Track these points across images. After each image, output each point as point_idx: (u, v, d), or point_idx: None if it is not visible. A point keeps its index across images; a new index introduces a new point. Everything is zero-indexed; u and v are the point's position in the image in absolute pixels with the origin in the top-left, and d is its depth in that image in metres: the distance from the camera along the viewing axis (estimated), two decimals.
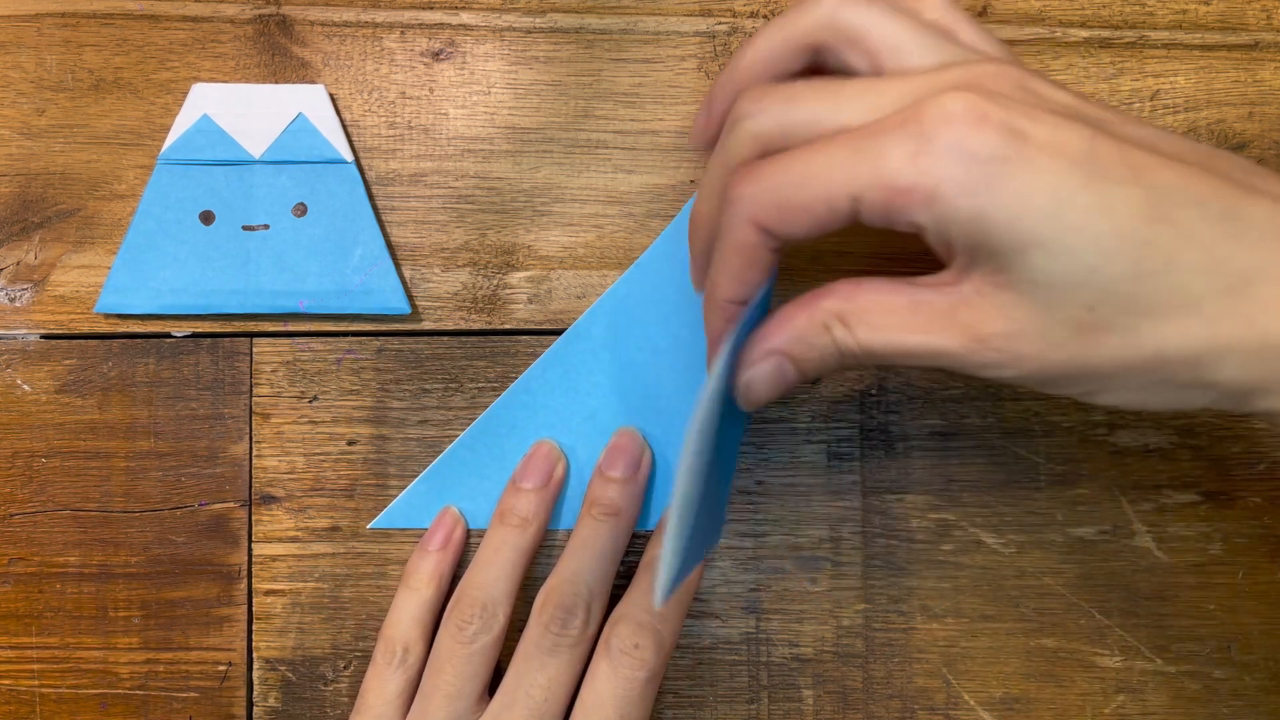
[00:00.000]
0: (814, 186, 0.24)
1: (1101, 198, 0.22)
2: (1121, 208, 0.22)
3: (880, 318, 0.25)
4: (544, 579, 0.34)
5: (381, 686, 0.33)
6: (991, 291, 0.23)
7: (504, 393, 0.35)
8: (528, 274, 0.36)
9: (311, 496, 0.36)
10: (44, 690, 0.36)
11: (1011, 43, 0.36)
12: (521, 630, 0.33)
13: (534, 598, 0.33)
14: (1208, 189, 0.22)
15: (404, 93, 0.36)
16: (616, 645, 0.31)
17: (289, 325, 0.36)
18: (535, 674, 0.31)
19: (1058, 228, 0.22)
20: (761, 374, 0.27)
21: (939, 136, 0.22)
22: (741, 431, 0.35)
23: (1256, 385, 0.23)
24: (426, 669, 0.33)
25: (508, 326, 0.36)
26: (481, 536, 0.36)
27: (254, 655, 0.36)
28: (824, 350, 0.26)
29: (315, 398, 0.36)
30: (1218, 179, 0.22)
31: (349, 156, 0.35)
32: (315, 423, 0.36)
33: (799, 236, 0.25)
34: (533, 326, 0.36)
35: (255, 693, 0.36)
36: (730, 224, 0.26)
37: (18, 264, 0.36)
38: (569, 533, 0.35)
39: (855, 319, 0.25)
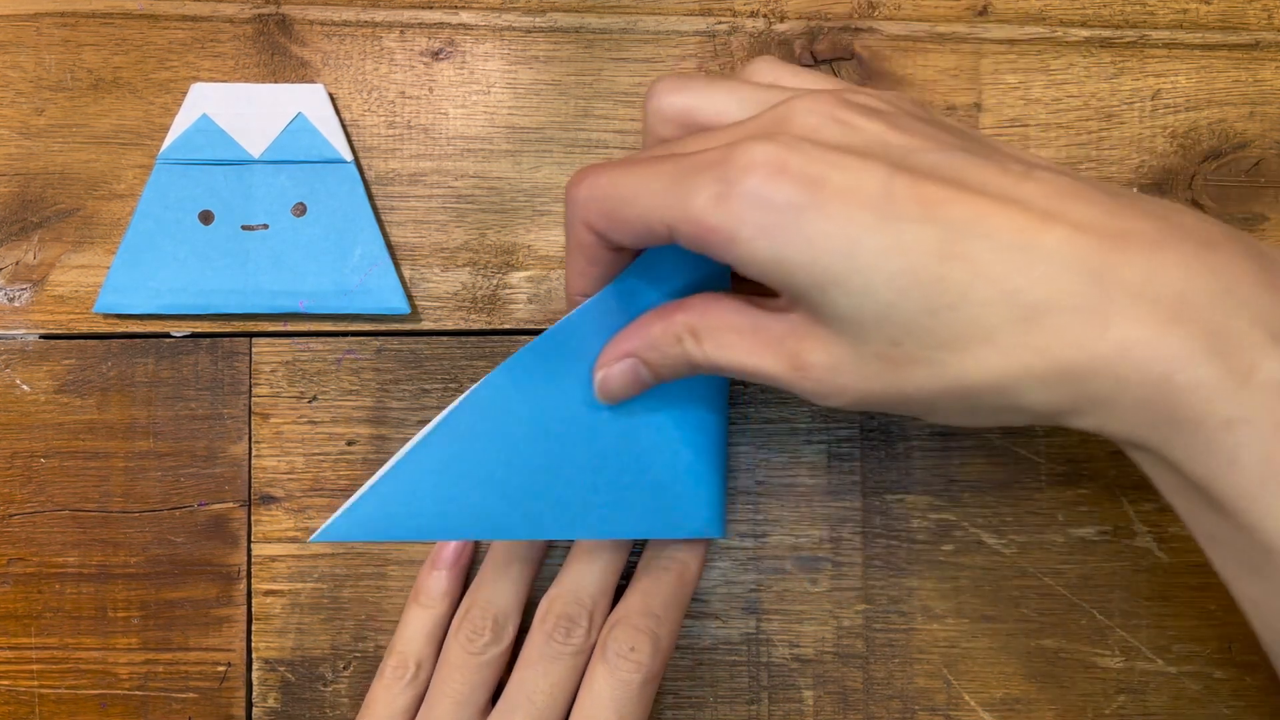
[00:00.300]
0: (636, 207, 0.25)
1: (894, 238, 0.23)
2: (914, 246, 0.23)
3: (726, 335, 0.27)
4: (549, 583, 0.34)
5: (391, 700, 0.33)
6: (811, 324, 0.25)
7: (467, 392, 0.32)
8: (528, 274, 0.36)
9: (311, 497, 0.36)
10: (43, 690, 0.36)
11: (1011, 42, 0.36)
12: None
13: (539, 601, 0.33)
14: (1001, 221, 0.23)
15: (404, 92, 0.36)
16: (613, 649, 0.31)
17: (288, 325, 0.36)
18: (538, 680, 0.32)
19: (852, 268, 0.23)
20: (617, 373, 0.29)
21: (740, 183, 0.23)
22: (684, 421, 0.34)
23: (1060, 408, 0.23)
24: (435, 675, 0.33)
25: (508, 326, 0.36)
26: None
27: (253, 656, 0.36)
28: (675, 358, 0.28)
29: (315, 398, 0.36)
30: (1014, 209, 0.23)
31: (348, 156, 0.35)
32: (315, 423, 0.36)
33: (628, 245, 0.27)
34: (533, 326, 0.36)
35: (254, 693, 0.36)
36: (569, 223, 0.28)
37: (17, 264, 0.36)
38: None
39: (705, 334, 0.27)
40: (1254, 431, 0.21)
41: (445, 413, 0.31)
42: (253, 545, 0.36)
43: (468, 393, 0.31)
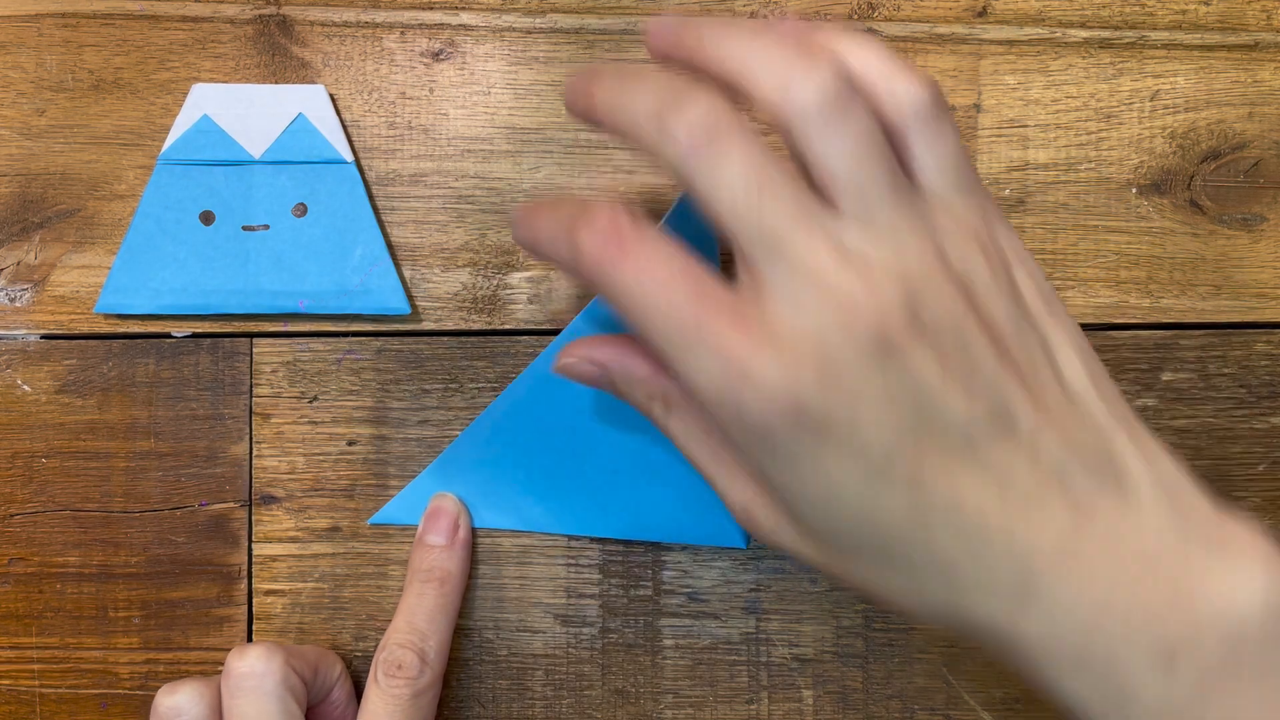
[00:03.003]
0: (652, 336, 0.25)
1: (874, 491, 0.24)
2: (888, 503, 0.24)
3: (694, 429, 0.28)
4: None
5: None
6: (772, 497, 0.26)
7: (505, 389, 0.35)
8: (528, 274, 0.36)
9: (311, 497, 0.36)
10: (44, 690, 0.36)
11: (1011, 43, 0.36)
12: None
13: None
14: (971, 506, 0.24)
15: (404, 93, 0.36)
16: (380, 670, 0.32)
17: (289, 325, 0.36)
18: None
19: (828, 496, 0.25)
20: (580, 371, 0.29)
21: (761, 392, 0.23)
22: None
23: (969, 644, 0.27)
24: None
25: (508, 327, 0.36)
26: (484, 534, 0.36)
27: None
28: (640, 404, 0.28)
29: (315, 398, 0.36)
30: (986, 502, 0.24)
31: (349, 156, 0.35)
32: (315, 423, 0.36)
33: None
34: (533, 327, 0.36)
35: None
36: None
37: (18, 264, 0.36)
38: (570, 537, 0.36)
39: (677, 413, 0.28)
40: None
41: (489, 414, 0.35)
42: (253, 545, 0.36)
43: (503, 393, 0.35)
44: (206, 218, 0.35)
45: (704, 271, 0.25)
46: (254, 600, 0.36)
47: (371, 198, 0.36)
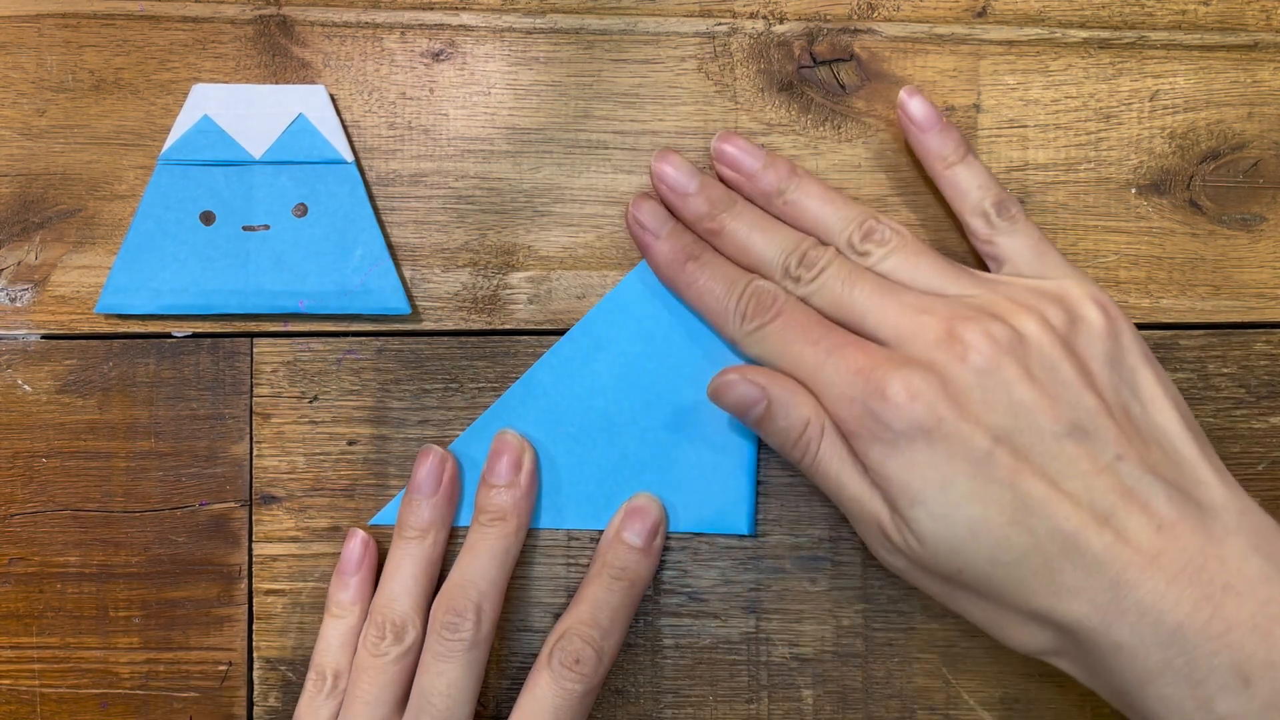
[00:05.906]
0: (789, 370, 0.32)
1: (981, 488, 0.29)
2: (994, 502, 0.28)
3: (843, 466, 0.31)
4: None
5: (314, 713, 0.33)
6: (899, 522, 0.30)
7: (505, 391, 0.35)
8: (528, 274, 0.36)
9: (311, 496, 0.36)
10: (44, 690, 0.36)
11: (1010, 43, 0.36)
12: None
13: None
14: (1065, 512, 0.28)
15: (404, 93, 0.36)
16: (558, 658, 0.32)
17: (289, 325, 0.36)
18: (434, 681, 0.32)
19: (941, 498, 0.29)
20: (739, 392, 0.32)
21: (887, 397, 0.29)
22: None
23: (1056, 652, 0.30)
24: (349, 681, 0.33)
25: (508, 327, 0.36)
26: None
27: (254, 655, 0.36)
28: (790, 427, 0.31)
29: (315, 398, 0.36)
30: (1078, 506, 0.28)
31: (349, 157, 0.35)
32: (315, 423, 0.36)
33: None
34: (533, 327, 0.36)
35: (255, 692, 0.36)
36: None
37: (18, 264, 0.36)
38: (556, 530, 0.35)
39: (829, 444, 0.31)
40: None
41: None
42: (254, 545, 0.36)
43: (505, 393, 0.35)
44: (207, 218, 0.35)
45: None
46: (254, 600, 0.36)
47: (371, 198, 0.36)
